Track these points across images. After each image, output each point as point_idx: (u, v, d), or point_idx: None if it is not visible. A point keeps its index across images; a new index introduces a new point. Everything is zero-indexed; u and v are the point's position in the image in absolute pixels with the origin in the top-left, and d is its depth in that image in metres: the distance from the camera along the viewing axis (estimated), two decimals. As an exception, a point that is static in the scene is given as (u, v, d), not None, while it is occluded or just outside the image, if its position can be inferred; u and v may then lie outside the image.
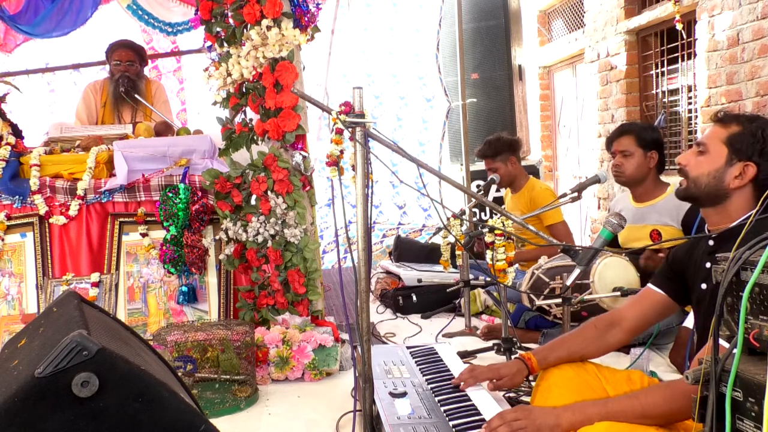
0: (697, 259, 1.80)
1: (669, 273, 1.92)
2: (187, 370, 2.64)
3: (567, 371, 1.86)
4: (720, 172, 1.70)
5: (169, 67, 5.84)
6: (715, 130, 1.74)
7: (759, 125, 1.68)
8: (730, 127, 1.71)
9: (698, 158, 1.74)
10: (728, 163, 1.69)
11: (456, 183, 2.32)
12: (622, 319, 1.93)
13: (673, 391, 1.52)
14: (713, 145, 1.72)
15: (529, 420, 1.61)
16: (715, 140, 1.72)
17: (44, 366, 1.12)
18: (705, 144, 1.74)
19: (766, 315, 1.07)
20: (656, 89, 5.17)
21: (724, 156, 1.70)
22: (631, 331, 1.92)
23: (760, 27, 3.78)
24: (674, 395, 1.51)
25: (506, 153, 3.92)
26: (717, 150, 1.71)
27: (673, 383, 1.56)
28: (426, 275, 4.38)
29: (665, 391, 1.54)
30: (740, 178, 1.68)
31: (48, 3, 4.19)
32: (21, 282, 3.32)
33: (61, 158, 3.44)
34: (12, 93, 3.70)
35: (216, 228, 3.32)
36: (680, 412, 1.50)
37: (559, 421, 1.60)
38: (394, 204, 6.56)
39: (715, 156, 1.71)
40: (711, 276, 1.69)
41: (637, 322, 1.92)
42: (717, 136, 1.72)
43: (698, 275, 1.78)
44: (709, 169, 1.71)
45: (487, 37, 5.87)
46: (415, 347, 2.54)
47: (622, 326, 1.92)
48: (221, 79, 3.28)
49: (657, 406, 1.53)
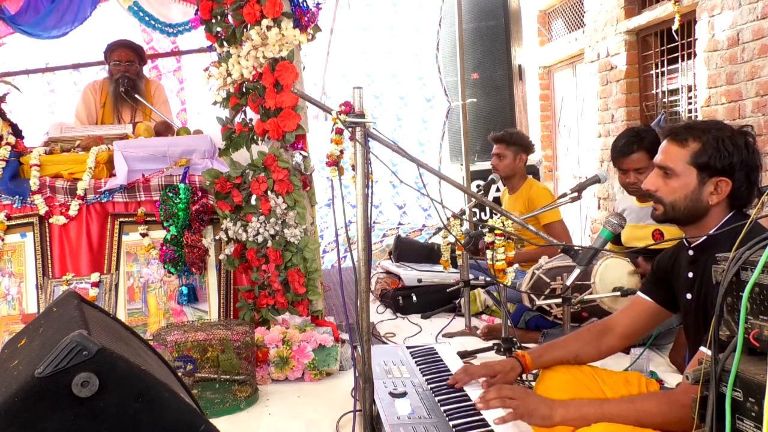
0: (680, 269, 1.78)
1: (656, 280, 1.91)
2: (187, 370, 2.64)
3: (564, 374, 1.87)
4: (695, 194, 1.65)
5: (169, 67, 5.84)
6: (674, 150, 1.67)
7: (716, 135, 1.62)
8: (688, 144, 1.64)
9: (668, 182, 1.68)
10: (701, 183, 1.64)
11: (456, 183, 2.32)
12: (615, 326, 1.93)
13: (670, 402, 1.51)
14: (679, 167, 1.66)
15: (524, 402, 1.63)
16: (679, 162, 1.65)
17: (44, 366, 1.12)
18: (670, 168, 1.67)
19: (766, 315, 1.07)
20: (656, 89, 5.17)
21: (694, 176, 1.64)
22: (623, 337, 1.92)
23: (760, 27, 3.78)
24: (670, 406, 1.50)
25: (520, 147, 3.94)
26: (685, 172, 1.65)
27: (670, 394, 1.55)
28: (426, 275, 4.38)
29: (661, 400, 1.54)
30: (716, 193, 1.64)
31: (48, 2, 4.19)
32: (21, 282, 3.32)
33: (61, 158, 3.44)
34: (12, 93, 3.70)
35: (216, 228, 3.32)
36: (675, 423, 1.50)
37: (552, 413, 1.61)
38: (394, 204, 6.56)
39: (685, 179, 1.65)
40: (694, 286, 1.70)
41: (629, 329, 1.92)
42: (680, 158, 1.65)
43: (682, 285, 1.77)
44: (685, 193, 1.66)
45: (487, 37, 5.87)
46: (415, 347, 2.54)
47: (615, 333, 1.92)
48: (221, 79, 3.28)
49: (652, 415, 1.53)
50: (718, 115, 4.27)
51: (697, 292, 1.69)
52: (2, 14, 4.12)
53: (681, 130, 1.68)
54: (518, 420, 1.65)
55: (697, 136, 1.65)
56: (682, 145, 1.66)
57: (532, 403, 1.64)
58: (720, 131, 1.64)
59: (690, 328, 1.79)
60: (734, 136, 1.63)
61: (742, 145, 1.62)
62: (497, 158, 3.96)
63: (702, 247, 1.69)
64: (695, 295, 1.70)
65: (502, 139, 3.96)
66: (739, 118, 4.07)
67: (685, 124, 1.71)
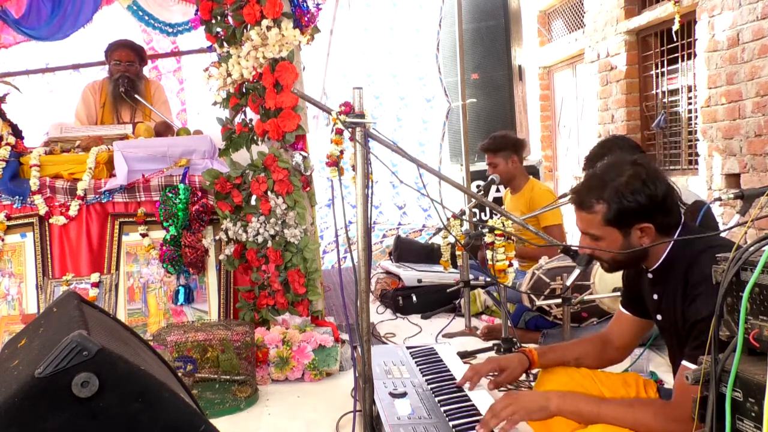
0: (646, 290, 1.79)
1: (629, 294, 1.91)
2: (187, 371, 2.64)
3: (563, 375, 1.89)
4: (626, 245, 1.66)
5: (169, 67, 5.84)
6: (586, 217, 1.69)
7: (615, 188, 1.62)
8: (594, 209, 1.66)
9: (598, 244, 1.71)
10: (626, 235, 1.66)
11: (456, 183, 2.32)
12: (611, 339, 1.95)
13: (666, 416, 1.52)
14: (599, 231, 1.68)
15: (517, 404, 1.63)
16: (597, 227, 1.67)
17: (44, 366, 1.12)
18: (592, 233, 1.70)
19: (766, 315, 1.07)
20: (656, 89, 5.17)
21: (617, 233, 1.66)
22: (621, 349, 1.95)
23: (760, 27, 3.78)
24: (666, 420, 1.51)
25: (508, 151, 3.93)
26: (607, 233, 1.67)
27: (668, 407, 1.55)
28: (426, 275, 4.38)
29: (658, 412, 1.54)
30: (644, 237, 1.65)
31: (50, 6, 4.20)
32: (21, 282, 3.32)
33: (61, 158, 3.44)
34: (12, 93, 3.70)
35: (216, 228, 3.32)
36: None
37: (548, 403, 1.63)
38: (394, 204, 6.55)
39: (609, 239, 1.67)
40: (660, 307, 1.71)
41: (621, 341, 1.94)
42: (594, 223, 1.67)
43: (650, 306, 1.78)
44: (616, 249, 1.68)
45: (487, 37, 5.87)
46: (415, 347, 2.54)
47: (612, 345, 1.94)
48: (221, 80, 3.28)
49: (647, 426, 1.53)
50: (718, 115, 4.27)
51: (665, 312, 1.71)
52: (6, 17, 4.13)
53: (584, 194, 1.69)
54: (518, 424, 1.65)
55: (598, 196, 1.65)
56: (590, 212, 1.68)
57: (526, 400, 1.65)
58: (616, 179, 1.64)
59: (667, 344, 1.81)
60: (630, 181, 1.62)
61: (640, 186, 1.61)
62: (491, 168, 3.98)
63: (659, 270, 1.70)
64: (664, 315, 1.72)
65: (488, 148, 3.97)
66: (739, 118, 4.07)
67: (584, 186, 1.71)
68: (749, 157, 4.01)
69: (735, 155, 4.14)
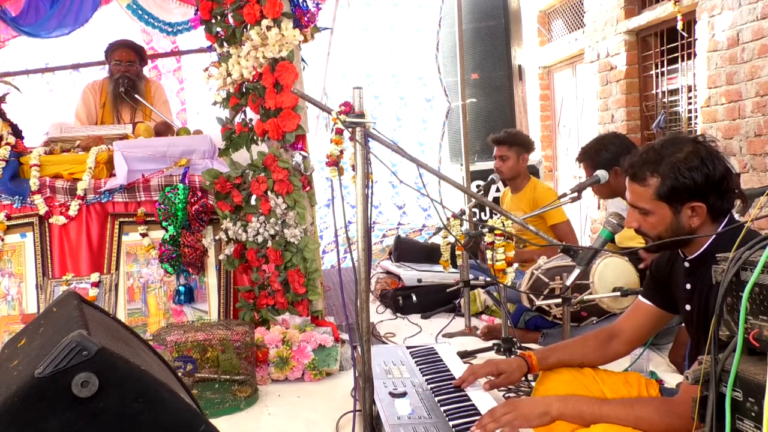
0: (678, 279, 1.78)
1: (655, 285, 1.90)
2: (187, 370, 2.64)
3: (564, 375, 1.88)
4: (675, 223, 1.66)
5: (169, 67, 5.84)
6: (638, 189, 1.69)
7: (671, 163, 1.62)
8: (647, 182, 1.66)
9: (646, 219, 1.70)
10: (676, 213, 1.66)
11: (456, 183, 2.32)
12: (620, 332, 1.94)
13: (669, 412, 1.52)
14: (649, 204, 1.68)
15: (517, 411, 1.63)
16: (647, 200, 1.67)
17: (44, 366, 1.12)
18: (642, 207, 1.70)
19: (766, 315, 1.07)
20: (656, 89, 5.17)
21: (667, 209, 1.66)
22: (629, 342, 1.93)
23: (760, 27, 3.78)
24: (669, 416, 1.51)
25: (522, 147, 3.93)
26: (656, 208, 1.67)
27: (670, 402, 1.55)
28: (426, 275, 4.37)
29: (660, 408, 1.54)
30: (695, 216, 1.64)
31: (48, 4, 4.20)
32: (21, 282, 3.32)
33: (61, 158, 3.44)
34: (12, 93, 3.70)
35: (216, 228, 3.32)
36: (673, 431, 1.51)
37: (549, 409, 1.62)
38: (393, 204, 6.55)
39: (659, 214, 1.67)
40: (693, 298, 1.70)
41: (633, 334, 1.92)
42: (646, 196, 1.67)
43: (681, 296, 1.77)
44: (664, 225, 1.68)
45: (487, 37, 5.87)
46: (415, 347, 2.54)
47: (621, 338, 1.93)
48: (221, 79, 3.28)
49: (650, 423, 1.53)
50: (718, 115, 4.27)
51: (696, 303, 1.70)
52: (4, 15, 4.13)
53: (638, 166, 1.69)
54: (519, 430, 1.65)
55: (653, 170, 1.65)
56: (643, 184, 1.68)
57: (526, 407, 1.64)
58: (674, 155, 1.63)
59: (693, 337, 1.80)
60: (689, 157, 1.62)
61: (698, 163, 1.61)
62: (500, 160, 3.94)
63: (698, 259, 1.69)
64: (695, 307, 1.70)
65: (504, 141, 3.94)
66: (739, 118, 4.07)
67: (640, 157, 1.70)
68: (749, 157, 4.01)
69: (735, 155, 4.14)
